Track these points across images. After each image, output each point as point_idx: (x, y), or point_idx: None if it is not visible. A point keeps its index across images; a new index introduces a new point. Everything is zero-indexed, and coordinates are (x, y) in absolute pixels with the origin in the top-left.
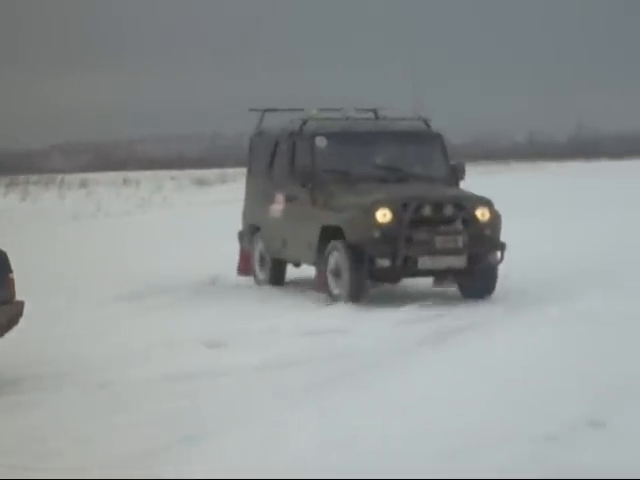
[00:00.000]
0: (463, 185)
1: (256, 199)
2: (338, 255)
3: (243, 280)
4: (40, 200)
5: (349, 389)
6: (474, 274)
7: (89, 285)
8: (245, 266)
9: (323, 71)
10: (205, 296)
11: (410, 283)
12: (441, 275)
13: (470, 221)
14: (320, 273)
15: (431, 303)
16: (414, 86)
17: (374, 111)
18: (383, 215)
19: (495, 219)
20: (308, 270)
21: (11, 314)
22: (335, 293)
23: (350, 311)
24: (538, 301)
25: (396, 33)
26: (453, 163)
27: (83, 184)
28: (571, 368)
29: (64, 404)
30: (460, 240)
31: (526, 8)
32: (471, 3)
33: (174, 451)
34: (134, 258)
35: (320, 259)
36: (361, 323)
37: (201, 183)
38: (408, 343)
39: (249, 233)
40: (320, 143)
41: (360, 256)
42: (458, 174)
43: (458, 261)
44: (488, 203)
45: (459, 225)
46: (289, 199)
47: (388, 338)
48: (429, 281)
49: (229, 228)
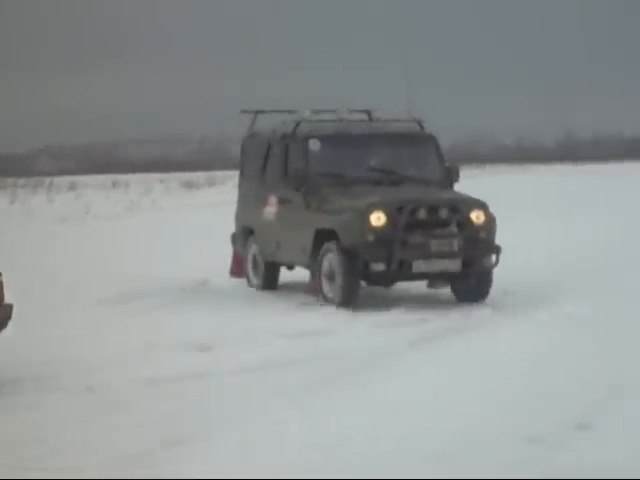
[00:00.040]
0: (457, 187)
1: (249, 202)
2: (332, 258)
3: (231, 283)
4: (29, 203)
5: (337, 391)
6: (469, 278)
7: (77, 288)
8: (238, 268)
9: (321, 71)
10: (193, 299)
11: (398, 285)
12: (435, 278)
13: (465, 224)
14: (314, 276)
15: (418, 306)
16: (407, 87)
17: (367, 112)
18: (377, 219)
19: (490, 222)
20: (301, 273)
21: (0, 317)
22: (329, 296)
23: (337, 313)
24: (525, 304)
25: (391, 33)
26: (447, 165)
27: (72, 187)
28: (557, 371)
29: (55, 406)
30: (455, 243)
31: (520, 11)
32: (465, 5)
33: (165, 452)
34: (122, 261)
35: (314, 262)
36: (348, 325)
37: (189, 186)
38: (395, 345)
39: (242, 236)
40: (313, 146)
41: (354, 260)
42: (452, 176)
43: (453, 264)
44: (483, 206)
45: (454, 228)
46: (282, 202)
47: (375, 340)
48: (416, 284)
49: (217, 231)
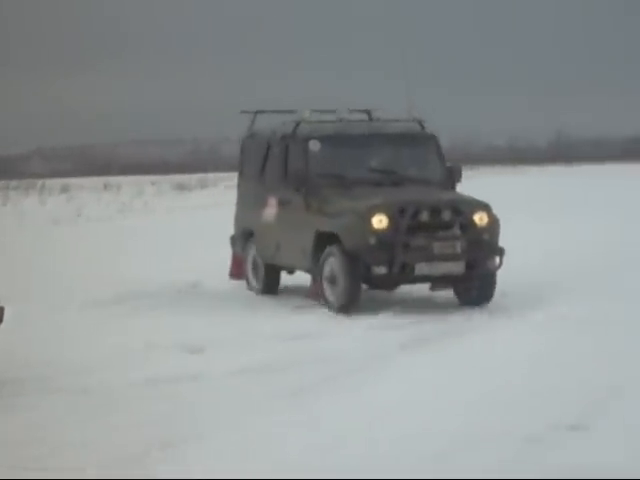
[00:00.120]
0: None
1: (248, 203)
2: (334, 261)
3: (225, 285)
4: (21, 205)
5: (332, 393)
6: (472, 280)
7: (71, 290)
8: (237, 270)
9: (321, 71)
10: (187, 301)
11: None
12: (438, 281)
13: (468, 226)
14: (315, 280)
15: (414, 308)
16: (407, 86)
17: (367, 112)
18: (379, 221)
19: (493, 223)
20: (301, 277)
21: None
22: (330, 300)
23: (332, 316)
24: (522, 305)
25: (390, 33)
26: (449, 165)
27: (64, 189)
28: (554, 372)
29: (51, 407)
30: (458, 246)
31: (514, 11)
32: (458, 7)
33: (162, 453)
34: (115, 263)
35: (315, 265)
36: (343, 328)
37: (181, 188)
38: (390, 347)
39: (242, 238)
40: (313, 146)
41: (356, 263)
42: (454, 177)
43: (456, 267)
44: (486, 207)
45: (457, 230)
46: (282, 203)
47: (371, 342)
48: (417, 286)
49: (210, 233)
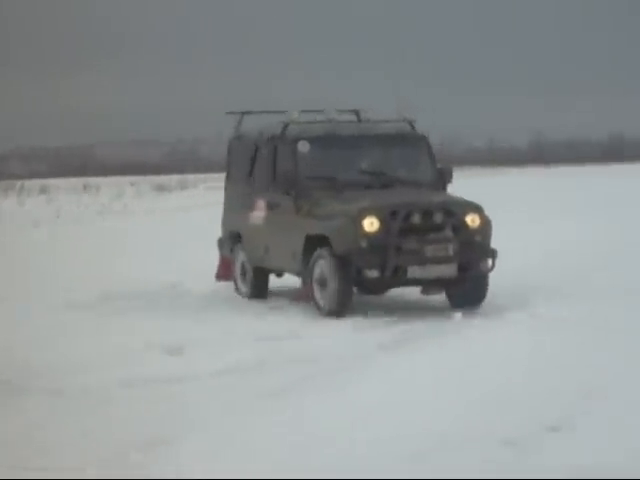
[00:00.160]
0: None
1: (236, 206)
2: (324, 264)
3: (205, 286)
4: None
5: (312, 393)
6: (465, 283)
7: (49, 291)
8: (225, 272)
9: (309, 72)
10: (166, 302)
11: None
12: (430, 284)
13: (460, 228)
14: (305, 283)
15: (396, 309)
16: (395, 86)
17: (356, 112)
18: (370, 224)
19: (486, 225)
20: (290, 280)
21: None
22: (320, 303)
23: (313, 316)
24: (503, 307)
25: (379, 33)
26: (440, 167)
27: (43, 190)
28: (533, 373)
29: (30, 410)
30: (450, 248)
31: (492, 11)
32: (437, 6)
33: (141, 454)
34: (94, 265)
35: (305, 269)
36: (324, 328)
37: (161, 189)
38: (370, 348)
39: (229, 241)
40: (302, 148)
41: (347, 266)
42: (445, 178)
43: (449, 270)
44: (478, 209)
45: (449, 232)
46: (271, 206)
47: (351, 343)
48: (409, 288)
49: (190, 234)
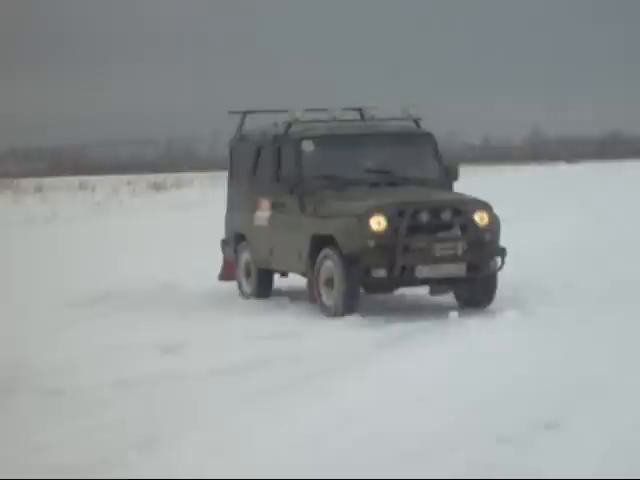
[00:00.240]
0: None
1: (239, 206)
2: (331, 264)
3: (200, 284)
4: None
5: (306, 392)
6: (473, 283)
7: (45, 290)
8: (228, 273)
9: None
10: (160, 301)
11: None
12: (438, 284)
13: (469, 226)
14: (311, 283)
15: (391, 307)
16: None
17: (360, 110)
18: (378, 223)
19: (494, 223)
20: (291, 279)
21: None
22: (327, 304)
23: (308, 314)
24: (495, 306)
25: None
26: (446, 164)
27: (38, 189)
28: (527, 371)
29: (24, 408)
30: (459, 247)
31: (481, 9)
32: (428, 5)
33: (135, 453)
34: (90, 263)
35: (311, 269)
36: (320, 327)
37: (157, 188)
38: (365, 347)
39: (233, 242)
40: (307, 147)
41: (354, 266)
42: (452, 176)
43: (457, 269)
44: (486, 206)
45: (457, 231)
46: (275, 206)
47: (345, 341)
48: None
49: (186, 233)
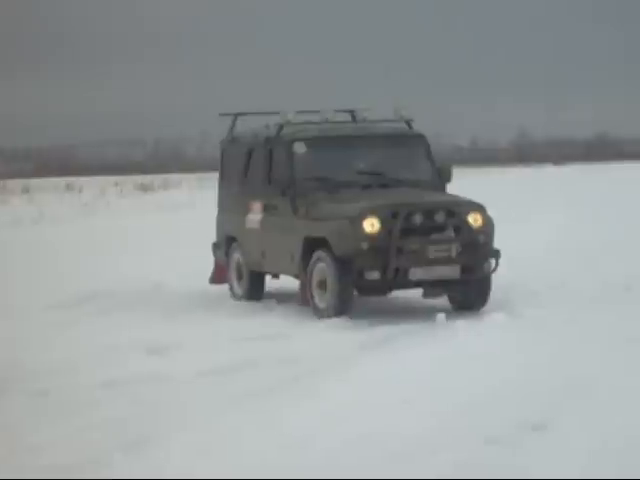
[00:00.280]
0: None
1: (231, 209)
2: (324, 267)
3: (187, 286)
4: None
5: (292, 393)
6: (467, 285)
7: (32, 291)
8: (220, 277)
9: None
10: (148, 302)
11: None
12: (432, 286)
13: (462, 228)
14: (304, 286)
15: (378, 309)
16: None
17: (351, 112)
18: (371, 225)
19: (488, 225)
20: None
21: None
22: (320, 306)
23: (295, 316)
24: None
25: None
26: (438, 166)
27: (25, 190)
28: (513, 372)
29: (10, 410)
30: (453, 249)
31: (469, 10)
32: (416, 6)
33: (122, 454)
34: (77, 264)
35: (303, 271)
36: (302, 328)
37: (144, 189)
38: (351, 348)
39: (224, 245)
40: (299, 149)
41: (347, 268)
42: (444, 177)
43: (451, 271)
44: (480, 208)
45: (451, 233)
46: (267, 209)
47: (331, 343)
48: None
49: (174, 234)
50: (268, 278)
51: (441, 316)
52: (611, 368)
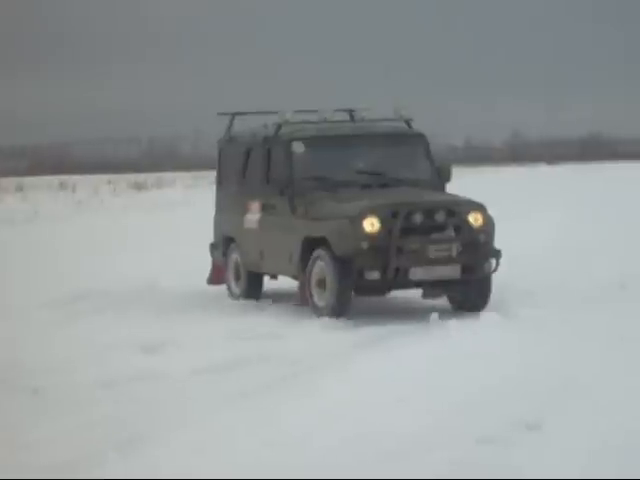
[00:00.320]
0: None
1: (228, 209)
2: (323, 266)
3: (182, 284)
4: None
5: (287, 392)
6: (468, 285)
7: (26, 290)
8: (217, 277)
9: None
10: (142, 301)
11: None
12: (431, 287)
13: (463, 228)
14: (303, 286)
15: (372, 308)
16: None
17: (350, 112)
18: (371, 224)
19: (489, 224)
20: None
21: None
22: (319, 306)
23: (288, 315)
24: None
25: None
26: (438, 165)
27: (19, 188)
28: (508, 371)
29: (4, 408)
30: (454, 249)
31: (464, 11)
32: (409, 7)
33: (117, 453)
34: (71, 262)
35: (302, 271)
36: (297, 327)
37: (138, 187)
38: (345, 347)
39: (222, 245)
40: (297, 148)
41: (347, 268)
42: (444, 177)
43: (452, 271)
44: (481, 207)
45: (451, 232)
46: (266, 208)
47: (325, 342)
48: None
49: (168, 232)
50: (266, 278)
51: (435, 316)
52: (606, 368)
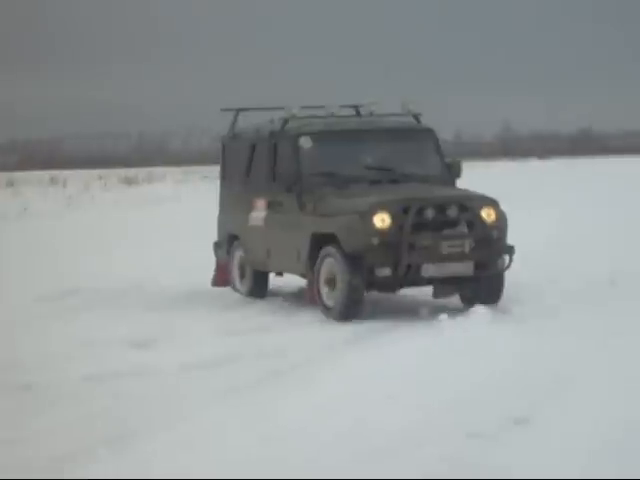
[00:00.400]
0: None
1: (233, 207)
2: (333, 263)
3: (172, 280)
4: None
5: (277, 388)
6: (480, 282)
7: (15, 285)
8: (222, 278)
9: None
10: (133, 297)
11: None
12: (443, 284)
13: (475, 223)
14: (311, 284)
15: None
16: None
17: (355, 107)
18: (381, 220)
19: (502, 220)
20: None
21: None
22: (329, 304)
23: (280, 310)
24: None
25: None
26: (448, 160)
27: (10, 183)
28: (497, 366)
29: None
30: (467, 244)
31: (454, 7)
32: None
33: (105, 449)
34: (61, 258)
35: (311, 269)
36: (288, 323)
37: (129, 182)
38: (336, 342)
39: (227, 243)
40: (305, 143)
41: (357, 265)
42: (454, 172)
43: (465, 268)
44: (493, 203)
45: (464, 228)
46: (272, 205)
47: (317, 337)
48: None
49: (159, 228)
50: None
51: (425, 311)
52: (595, 363)
